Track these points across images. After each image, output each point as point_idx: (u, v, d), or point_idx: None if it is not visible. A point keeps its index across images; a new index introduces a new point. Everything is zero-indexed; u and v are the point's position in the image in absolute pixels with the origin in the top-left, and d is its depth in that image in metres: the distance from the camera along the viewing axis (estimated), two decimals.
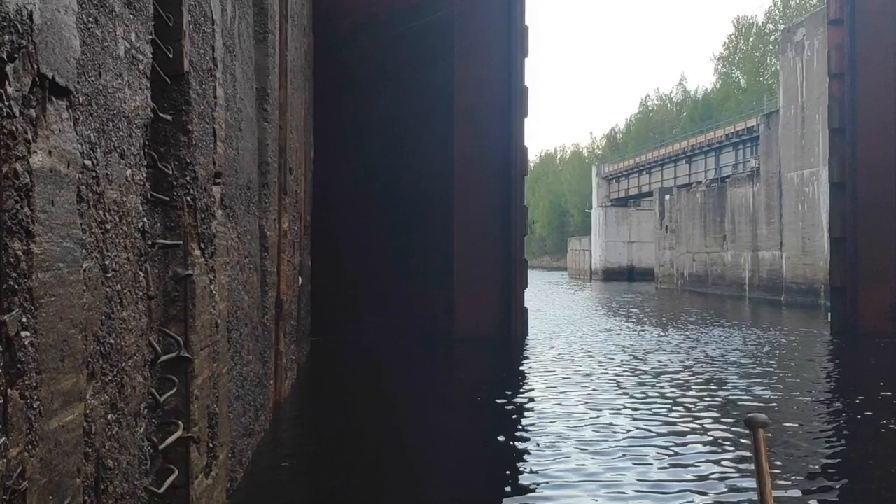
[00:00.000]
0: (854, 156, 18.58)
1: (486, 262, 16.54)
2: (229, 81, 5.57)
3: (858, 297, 18.34)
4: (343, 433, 8.60)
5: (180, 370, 3.83)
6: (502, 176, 16.79)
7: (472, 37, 16.74)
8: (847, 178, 18.66)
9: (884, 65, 18.56)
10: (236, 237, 5.92)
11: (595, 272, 59.77)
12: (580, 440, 8.04)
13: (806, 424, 9.20)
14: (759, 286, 34.89)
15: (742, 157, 41.61)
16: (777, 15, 65.90)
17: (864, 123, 18.51)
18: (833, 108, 19.27)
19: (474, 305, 16.32)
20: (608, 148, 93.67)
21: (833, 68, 19.24)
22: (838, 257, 18.97)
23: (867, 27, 18.53)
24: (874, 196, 18.44)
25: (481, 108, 16.70)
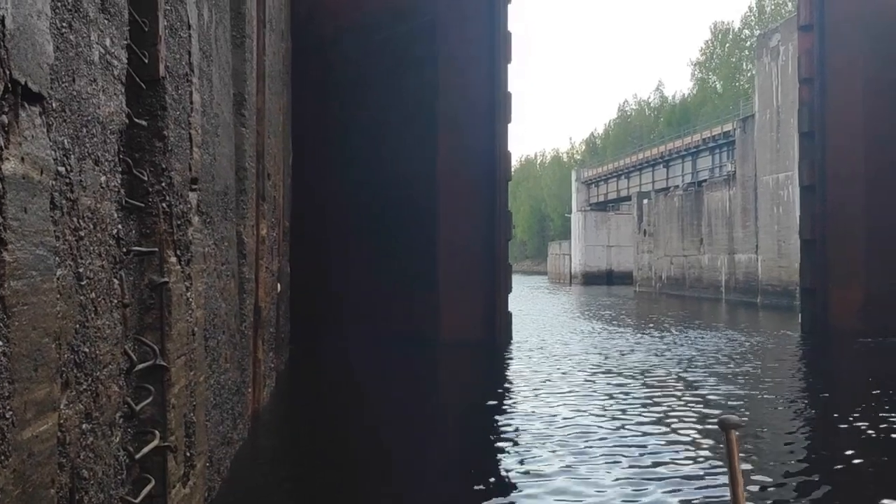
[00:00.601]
0: (823, 159, 18.84)
1: (471, 267, 16.56)
2: (206, 87, 5.54)
3: (828, 298, 18.58)
4: (322, 441, 8.55)
5: (156, 379, 3.78)
6: (486, 181, 16.83)
7: (455, 43, 16.78)
8: (817, 181, 18.92)
9: (852, 70, 18.83)
10: (213, 244, 5.87)
11: (575, 276, 60.04)
12: (562, 443, 8.07)
13: (777, 424, 9.33)
14: (735, 288, 35.23)
15: (719, 161, 42.02)
16: (753, 21, 66.66)
17: (833, 127, 18.77)
18: (803, 113, 19.53)
19: (459, 310, 16.33)
20: (587, 153, 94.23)
21: (803, 73, 19.50)
22: (808, 259, 19.22)
23: (836, 33, 18.78)
24: (843, 199, 18.71)
25: (465, 113, 16.75)
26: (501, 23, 17.05)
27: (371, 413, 9.95)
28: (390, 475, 7.21)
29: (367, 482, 7.01)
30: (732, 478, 2.07)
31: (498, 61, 16.93)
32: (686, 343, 17.53)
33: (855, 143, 18.82)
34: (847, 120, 18.77)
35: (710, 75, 72.39)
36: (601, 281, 57.12)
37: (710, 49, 72.99)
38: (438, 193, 16.58)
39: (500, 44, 16.96)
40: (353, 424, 9.33)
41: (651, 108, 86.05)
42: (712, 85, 71.40)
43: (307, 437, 8.93)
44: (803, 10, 19.58)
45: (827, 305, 18.60)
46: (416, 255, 16.52)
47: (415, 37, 16.85)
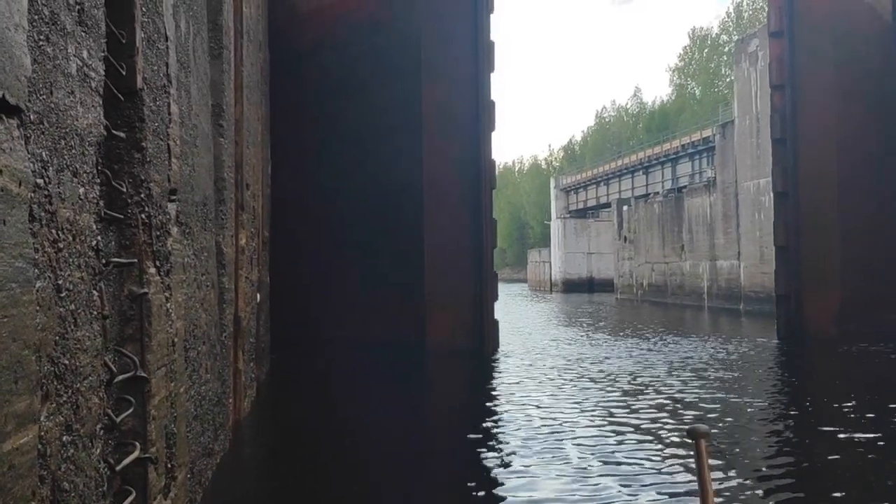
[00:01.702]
0: (796, 165, 19.02)
1: (458, 275, 16.61)
2: (184, 98, 5.54)
3: (803, 303, 18.72)
4: (304, 452, 8.54)
5: (137, 390, 3.78)
6: (472, 189, 16.91)
7: (439, 52, 16.86)
8: (790, 187, 19.09)
9: (823, 76, 19.04)
10: (192, 254, 5.87)
11: (555, 284, 60.17)
12: (547, 451, 8.12)
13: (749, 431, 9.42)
14: (717, 295, 35.44)
15: (698, 167, 42.36)
16: (731, 26, 67.25)
17: (805, 134, 18.97)
18: (775, 119, 19.73)
19: (446, 319, 16.35)
20: (566, 160, 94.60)
21: (774, 80, 19.70)
22: (783, 265, 19.37)
23: (806, 39, 18.99)
24: (816, 205, 18.88)
25: (450, 122, 16.83)
26: (484, 33, 17.17)
27: (353, 423, 9.93)
28: (372, 486, 7.21)
29: (349, 493, 7.01)
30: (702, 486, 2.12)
31: (482, 70, 17.05)
32: (666, 351, 17.69)
33: (827, 149, 19.02)
34: (819, 126, 18.98)
35: (689, 81, 72.96)
36: (582, 288, 57.29)
37: (688, 55, 73.56)
38: (424, 202, 16.62)
39: (484, 53, 17.08)
40: (334, 435, 9.32)
41: (629, 114, 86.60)
42: (691, 91, 71.97)
43: (288, 447, 8.90)
44: (773, 17, 19.80)
45: (802, 311, 18.74)
46: (401, 263, 16.55)
47: (396, 47, 16.91)
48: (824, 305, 18.71)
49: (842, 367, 15.64)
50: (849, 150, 19.34)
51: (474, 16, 17.02)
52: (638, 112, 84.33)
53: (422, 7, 16.87)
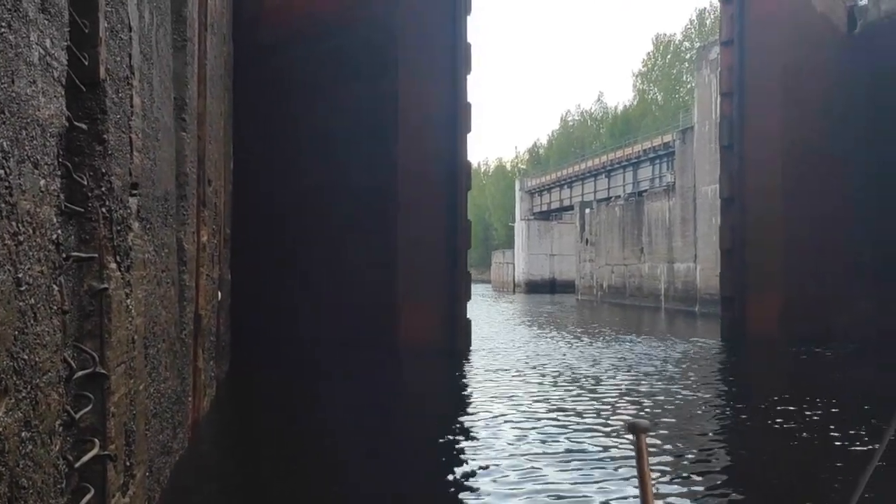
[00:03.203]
0: (742, 171, 19.38)
1: (431, 275, 16.62)
2: (146, 90, 5.45)
3: (746, 305, 19.07)
4: (263, 451, 8.46)
5: (96, 387, 3.71)
6: (447, 190, 16.93)
7: (417, 53, 16.81)
8: (736, 192, 19.43)
9: (772, 84, 19.43)
10: (153, 250, 5.78)
11: (518, 284, 60.51)
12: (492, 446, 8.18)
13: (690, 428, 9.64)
14: (674, 297, 35.95)
15: (659, 171, 42.94)
16: (694, 34, 68.21)
17: (752, 141, 19.35)
18: (723, 126, 20.11)
19: (419, 317, 16.34)
20: (531, 162, 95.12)
21: (723, 88, 20.08)
22: (728, 268, 19.74)
23: (755, 49, 19.36)
24: (762, 209, 19.28)
25: (426, 123, 16.82)
26: (462, 34, 17.19)
27: (315, 423, 9.88)
28: (331, 485, 7.17)
29: (308, 492, 6.96)
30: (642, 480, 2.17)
31: (459, 72, 17.07)
32: (619, 350, 18.03)
33: (774, 156, 19.42)
34: (766, 133, 19.37)
35: (652, 87, 73.85)
36: (544, 289, 57.68)
37: (651, 61, 74.43)
38: (398, 201, 16.58)
39: (461, 55, 17.10)
40: (295, 434, 9.25)
41: (593, 118, 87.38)
42: (653, 96, 72.85)
43: (247, 446, 8.82)
44: (725, 26, 20.17)
45: (745, 313, 19.10)
46: (373, 262, 16.48)
47: (372, 46, 16.81)
48: (767, 308, 19.08)
49: (778, 367, 16.14)
50: (796, 157, 19.73)
51: (452, 17, 17.04)
52: (601, 117, 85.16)
53: (400, 7, 16.79)
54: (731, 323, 19.43)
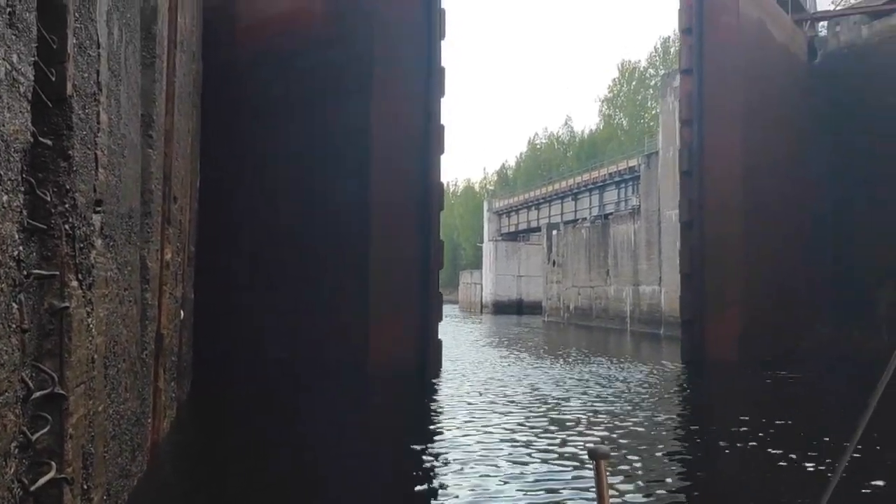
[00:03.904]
0: (701, 197, 19.63)
1: (403, 295, 16.52)
2: (113, 106, 5.40)
3: (705, 328, 19.26)
4: (223, 475, 8.32)
5: (54, 408, 3.63)
6: (420, 210, 16.88)
7: (392, 75, 16.82)
8: (695, 217, 19.70)
9: (729, 112, 19.80)
10: (116, 268, 5.69)
11: (486, 305, 60.58)
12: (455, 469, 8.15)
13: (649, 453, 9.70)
14: (639, 319, 36.26)
15: (624, 195, 43.45)
16: (658, 61, 69.48)
17: (711, 167, 19.64)
18: (683, 153, 20.40)
19: (390, 337, 16.21)
20: (499, 184, 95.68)
21: (683, 115, 20.39)
22: (687, 292, 19.92)
23: (714, 78, 19.74)
24: (721, 234, 19.55)
25: (400, 144, 16.80)
26: (436, 57, 17.28)
27: (279, 444, 9.75)
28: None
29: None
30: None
31: (433, 94, 17.14)
32: (583, 372, 18.12)
33: (732, 182, 19.73)
34: (724, 160, 19.68)
35: (617, 112, 74.96)
36: (511, 310, 57.82)
37: (617, 87, 75.62)
38: (371, 222, 16.47)
39: (435, 78, 17.18)
40: (258, 457, 9.12)
41: (560, 142, 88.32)
42: (619, 121, 73.92)
43: (208, 469, 8.68)
44: (685, 55, 20.52)
45: (704, 336, 19.26)
46: (344, 283, 16.35)
47: (346, 66, 16.78)
48: (726, 331, 19.28)
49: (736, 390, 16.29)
50: (755, 183, 20.05)
51: (427, 40, 17.12)
52: (568, 140, 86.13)
53: (374, 28, 16.82)
54: (691, 346, 19.57)
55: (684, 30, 20.31)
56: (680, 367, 19.53)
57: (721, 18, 19.86)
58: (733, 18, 20.03)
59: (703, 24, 19.70)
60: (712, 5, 19.80)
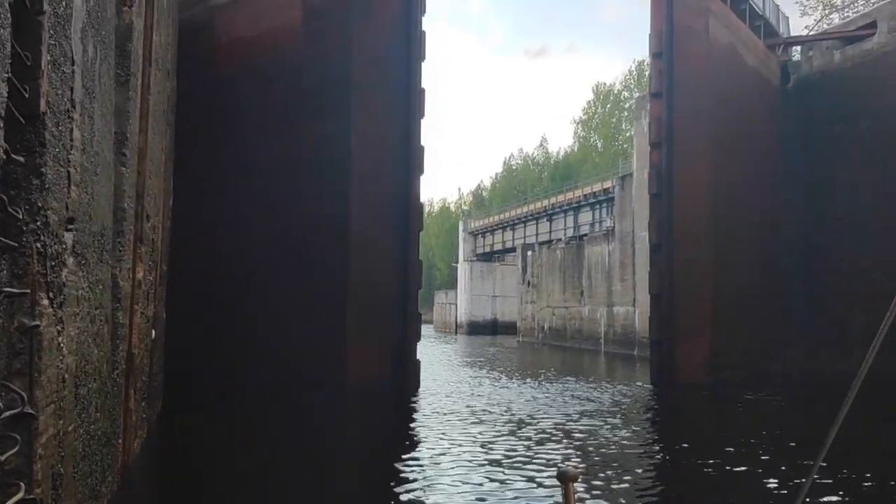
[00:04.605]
0: (670, 219, 19.77)
1: (382, 315, 16.47)
2: (87, 124, 5.37)
3: (674, 350, 19.32)
4: (194, 496, 8.21)
5: (23, 428, 3.57)
6: (399, 231, 16.91)
7: (373, 96, 16.88)
8: (664, 239, 19.85)
9: (698, 135, 20.05)
10: (87, 287, 5.63)
11: (460, 325, 60.52)
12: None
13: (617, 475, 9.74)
14: (613, 340, 36.43)
15: (599, 216, 43.79)
16: (633, 84, 70.32)
17: (680, 189, 19.80)
18: (652, 175, 20.55)
19: (368, 357, 16.14)
20: (474, 204, 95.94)
21: (653, 138, 20.59)
22: (656, 313, 20.01)
23: (683, 102, 19.97)
24: (690, 256, 19.67)
25: (380, 165, 16.83)
26: (416, 79, 17.38)
27: (251, 465, 9.64)
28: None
29: None
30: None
31: (413, 116, 17.22)
32: (555, 393, 18.17)
33: (701, 205, 19.90)
34: (693, 182, 19.86)
35: (592, 134, 75.64)
36: (486, 331, 57.82)
37: (591, 109, 76.33)
38: (350, 241, 16.42)
39: (415, 99, 17.26)
40: (229, 478, 9.02)
41: (536, 163, 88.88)
42: (593, 143, 74.58)
43: (178, 490, 8.56)
44: (655, 79, 20.78)
45: (673, 358, 19.30)
46: (322, 302, 16.25)
47: (326, 87, 16.81)
48: (695, 352, 19.35)
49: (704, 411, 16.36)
50: (724, 205, 20.23)
51: (407, 62, 17.21)
52: (544, 161, 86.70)
53: (355, 50, 16.86)
54: (660, 367, 19.58)
55: (655, 54, 20.57)
56: (649, 388, 19.59)
57: (691, 43, 20.14)
58: (703, 43, 20.33)
59: (673, 49, 19.96)
60: (682, 30, 20.08)
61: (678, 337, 19.28)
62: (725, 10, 21.65)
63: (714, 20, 20.73)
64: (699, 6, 20.40)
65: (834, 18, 33.54)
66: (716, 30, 20.82)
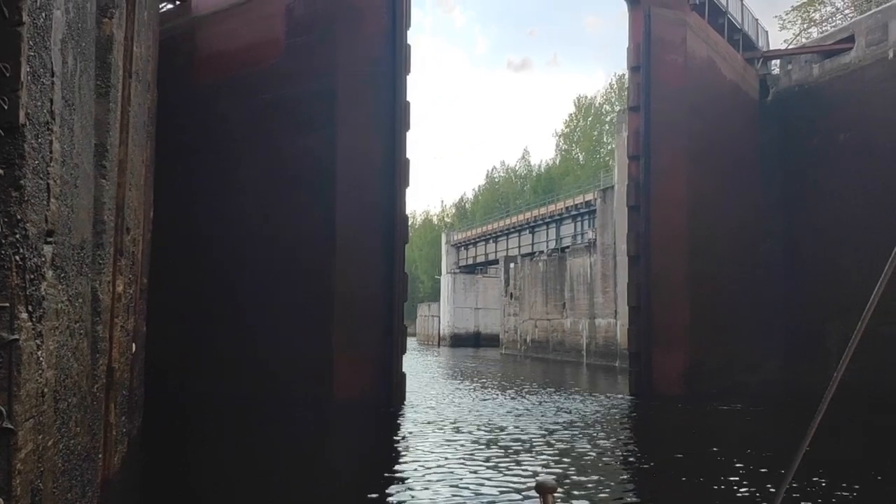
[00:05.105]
0: (648, 231, 19.88)
1: (368, 328, 16.40)
2: (67, 136, 5.33)
3: (652, 361, 19.38)
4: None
5: (2, 443, 3.52)
6: (385, 244, 16.86)
7: (358, 108, 16.87)
8: (641, 251, 19.94)
9: (676, 148, 20.21)
10: (67, 300, 5.57)
11: (443, 338, 60.48)
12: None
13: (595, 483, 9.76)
14: (595, 352, 36.52)
15: (580, 228, 43.98)
16: (613, 97, 70.81)
17: (657, 202, 19.94)
18: (630, 188, 20.71)
19: (354, 371, 16.06)
20: (457, 216, 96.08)
21: (631, 151, 20.77)
22: (634, 325, 20.08)
23: (661, 115, 20.15)
24: (667, 268, 19.78)
25: (365, 177, 16.80)
26: (401, 92, 17.39)
27: (233, 480, 9.55)
28: None
29: None
30: None
31: (398, 129, 17.23)
32: (535, 405, 18.23)
33: (678, 217, 20.02)
34: (670, 195, 20.00)
35: (574, 146, 76.02)
36: (469, 343, 57.80)
37: (573, 122, 76.75)
38: (336, 254, 16.35)
39: (400, 112, 17.27)
40: (211, 493, 8.92)
41: (518, 175, 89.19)
42: (575, 156, 74.93)
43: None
44: (633, 93, 20.97)
45: (651, 369, 19.34)
46: (308, 315, 16.18)
47: (312, 99, 16.80)
48: (673, 364, 19.39)
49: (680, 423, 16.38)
50: (702, 217, 20.35)
51: (392, 75, 17.23)
52: (526, 174, 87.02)
53: (341, 62, 16.85)
54: (638, 379, 19.61)
55: (633, 68, 20.75)
56: (628, 399, 19.59)
57: (668, 57, 20.33)
58: (680, 57, 20.52)
59: (650, 63, 20.14)
60: (660, 45, 20.27)
61: (656, 348, 19.34)
62: (703, 25, 21.87)
63: (691, 34, 20.94)
64: (677, 20, 20.60)
65: (812, 32, 33.99)
66: (693, 44, 21.03)
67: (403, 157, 17.34)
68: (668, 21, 20.45)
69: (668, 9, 20.65)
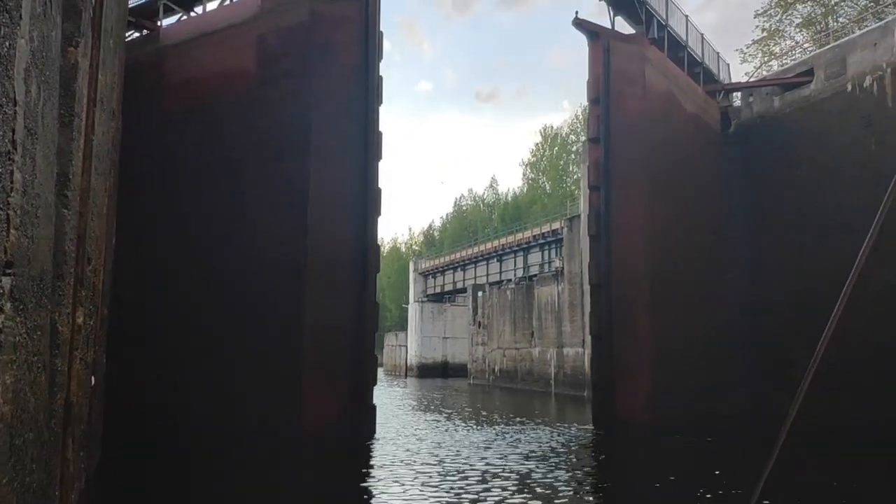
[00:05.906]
0: (609, 260, 19.96)
1: (338, 358, 16.18)
2: (28, 165, 5.23)
3: (615, 392, 19.32)
4: None
5: None
6: (356, 273, 16.71)
7: (330, 139, 16.79)
8: (602, 280, 20.01)
9: (636, 179, 20.42)
10: (25, 333, 5.43)
11: (411, 368, 60.12)
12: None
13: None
14: (564, 382, 36.52)
15: (548, 257, 44.23)
16: (579, 126, 71.75)
17: (618, 231, 20.03)
18: (591, 218, 20.85)
19: (323, 402, 15.79)
20: (425, 244, 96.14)
21: (591, 181, 20.91)
22: (597, 354, 20.08)
23: (620, 146, 20.37)
24: (629, 297, 19.80)
25: (337, 207, 16.70)
26: (374, 122, 17.40)
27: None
28: None
29: None
30: None
31: (371, 158, 17.20)
32: (501, 436, 18.16)
33: (639, 246, 20.13)
34: (631, 224, 20.12)
35: (540, 175, 76.73)
36: (437, 373, 57.51)
37: (539, 151, 77.53)
38: (305, 284, 16.15)
39: (373, 142, 17.26)
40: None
41: (486, 203, 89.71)
42: (542, 185, 75.61)
43: None
44: (592, 125, 21.23)
45: (615, 399, 19.27)
46: (276, 345, 15.91)
47: (282, 129, 16.72)
48: (635, 395, 19.30)
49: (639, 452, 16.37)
50: (662, 246, 20.48)
51: (365, 106, 17.25)
52: (494, 202, 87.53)
53: (313, 92, 16.81)
54: (601, 409, 19.52)
55: (592, 100, 21.01)
56: (591, 430, 19.50)
57: (627, 90, 20.62)
58: (639, 90, 20.82)
59: (609, 96, 20.43)
60: (619, 77, 20.56)
61: (618, 378, 19.32)
62: (662, 58, 22.26)
63: (651, 68, 21.30)
64: (636, 54, 20.95)
65: (773, 65, 34.86)
66: (653, 77, 21.37)
67: (376, 186, 17.33)
68: (627, 54, 20.79)
69: (627, 42, 21.02)
